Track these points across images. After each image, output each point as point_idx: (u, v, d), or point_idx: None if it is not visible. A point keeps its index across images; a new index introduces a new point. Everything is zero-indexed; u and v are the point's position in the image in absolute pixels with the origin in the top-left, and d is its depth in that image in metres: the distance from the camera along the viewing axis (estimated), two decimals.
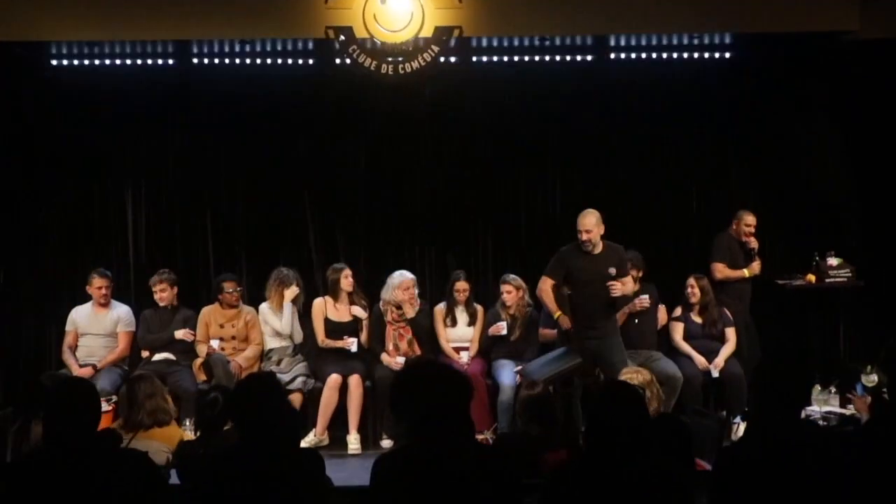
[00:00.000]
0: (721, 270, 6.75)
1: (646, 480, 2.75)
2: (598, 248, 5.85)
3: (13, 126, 6.98)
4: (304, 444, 5.92)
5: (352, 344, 6.44)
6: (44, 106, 7.02)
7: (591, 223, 5.83)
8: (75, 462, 2.90)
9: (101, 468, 2.91)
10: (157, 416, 4.64)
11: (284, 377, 6.17)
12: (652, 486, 2.75)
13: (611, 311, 5.92)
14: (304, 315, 6.65)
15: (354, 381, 6.23)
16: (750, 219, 6.78)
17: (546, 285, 5.93)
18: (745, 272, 6.76)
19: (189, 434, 4.91)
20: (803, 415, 4.95)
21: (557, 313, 5.85)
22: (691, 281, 6.59)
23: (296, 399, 6.16)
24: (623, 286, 5.82)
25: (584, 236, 5.81)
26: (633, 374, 5.46)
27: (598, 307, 5.83)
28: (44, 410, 3.01)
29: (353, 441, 6.16)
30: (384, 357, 6.45)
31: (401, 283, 6.49)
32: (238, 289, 6.61)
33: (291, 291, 6.52)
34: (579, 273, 5.85)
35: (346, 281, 6.54)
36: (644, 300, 6.48)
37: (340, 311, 6.57)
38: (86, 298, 6.60)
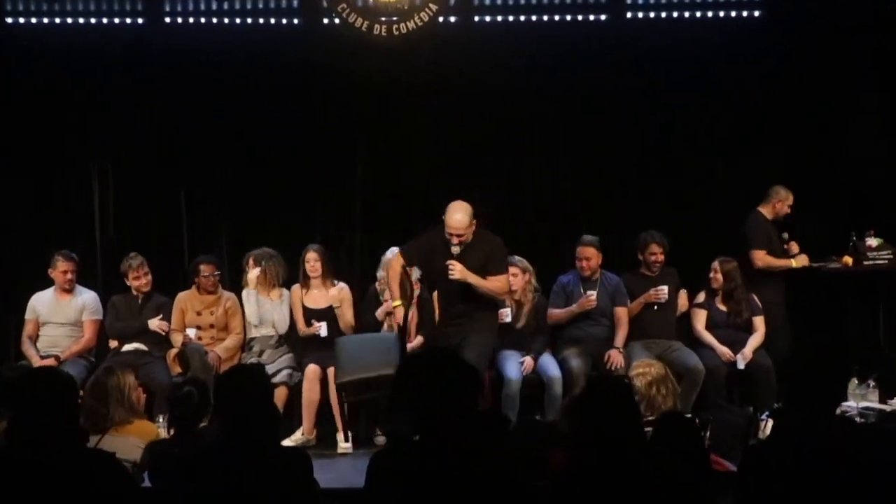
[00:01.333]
0: (762, 258, 6.71)
1: (645, 482, 2.78)
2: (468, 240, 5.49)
3: None
4: (289, 442, 5.96)
5: (320, 328, 6.44)
6: None
7: (462, 223, 5.37)
8: (40, 461, 2.92)
9: (65, 469, 2.93)
10: (127, 413, 4.69)
11: (268, 369, 6.19)
12: (654, 486, 2.78)
13: (475, 307, 5.57)
14: None
15: (333, 373, 6.16)
16: (790, 197, 6.74)
17: (397, 264, 5.66)
18: (793, 262, 6.73)
19: (163, 431, 4.94)
20: (838, 411, 5.01)
21: (397, 302, 5.64)
22: (715, 265, 6.57)
23: (281, 393, 6.20)
24: (462, 271, 5.37)
25: (456, 240, 5.38)
26: (645, 368, 5.46)
27: (461, 302, 5.56)
28: (11, 404, 3.03)
29: (343, 439, 6.17)
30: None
31: (384, 263, 6.44)
32: (216, 273, 6.60)
33: (252, 275, 6.48)
34: (442, 268, 5.46)
35: (308, 265, 6.53)
36: (661, 291, 6.46)
37: (316, 296, 6.58)
38: (47, 284, 6.59)
